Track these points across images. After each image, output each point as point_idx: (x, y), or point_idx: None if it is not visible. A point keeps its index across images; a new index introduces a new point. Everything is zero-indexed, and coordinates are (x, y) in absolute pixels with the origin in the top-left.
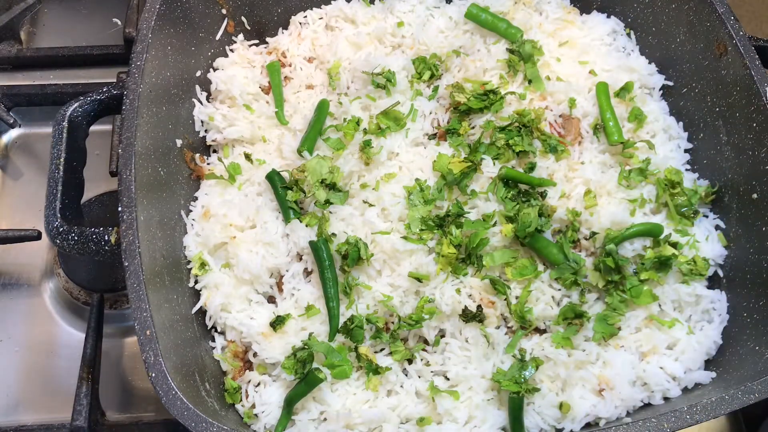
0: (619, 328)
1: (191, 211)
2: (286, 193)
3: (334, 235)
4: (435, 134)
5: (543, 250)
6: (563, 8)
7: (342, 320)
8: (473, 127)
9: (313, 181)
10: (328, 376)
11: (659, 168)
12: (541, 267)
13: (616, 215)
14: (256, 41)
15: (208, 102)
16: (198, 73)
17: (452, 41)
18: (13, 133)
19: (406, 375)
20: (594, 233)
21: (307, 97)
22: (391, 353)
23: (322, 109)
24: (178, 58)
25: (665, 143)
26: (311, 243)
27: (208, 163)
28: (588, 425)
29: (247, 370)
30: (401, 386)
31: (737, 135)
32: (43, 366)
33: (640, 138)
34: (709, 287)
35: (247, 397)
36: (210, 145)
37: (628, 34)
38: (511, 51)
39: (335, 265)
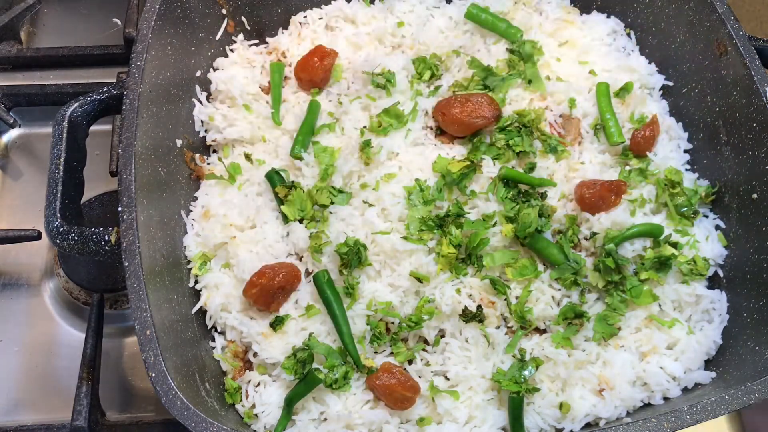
0: (619, 328)
1: (191, 211)
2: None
3: (326, 243)
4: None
5: (543, 251)
6: (563, 8)
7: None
8: None
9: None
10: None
11: (659, 168)
12: (541, 267)
13: (616, 215)
14: (256, 41)
15: (208, 102)
16: (198, 73)
17: (452, 41)
18: (13, 133)
19: None
20: (594, 233)
21: (306, 98)
22: (392, 354)
23: (312, 110)
24: (178, 58)
25: (665, 143)
26: (314, 277)
27: (208, 163)
28: (588, 425)
29: (247, 370)
30: None
31: (737, 135)
32: (43, 366)
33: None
34: (709, 287)
35: (247, 397)
36: (210, 145)
37: (628, 34)
38: (511, 51)
39: (334, 264)
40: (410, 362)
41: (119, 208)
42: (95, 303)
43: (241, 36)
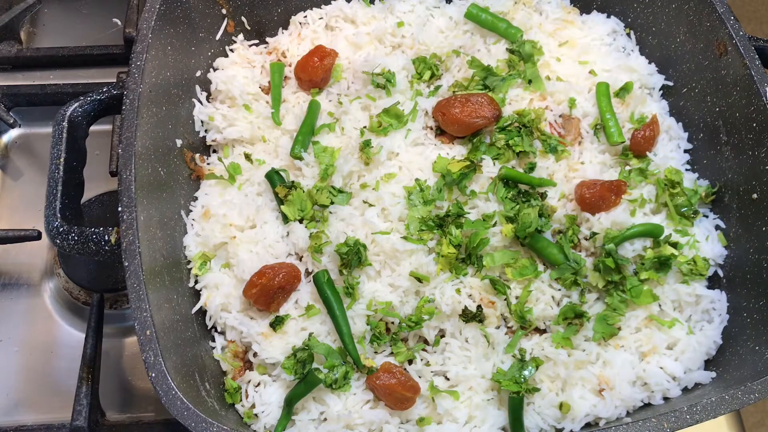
0: (619, 328)
1: (191, 211)
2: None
3: (326, 243)
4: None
5: (543, 251)
6: (563, 8)
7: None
8: None
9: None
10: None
11: (659, 168)
12: (541, 267)
13: (616, 215)
14: (256, 41)
15: (208, 102)
16: (198, 73)
17: (452, 41)
18: (13, 133)
19: None
20: (594, 233)
21: (306, 98)
22: (392, 354)
23: (312, 110)
24: (178, 58)
25: (665, 143)
26: (314, 277)
27: (208, 163)
28: (588, 425)
29: (247, 370)
30: None
31: (737, 135)
32: (43, 366)
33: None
34: (709, 287)
35: (247, 397)
36: (210, 145)
37: (628, 34)
38: (511, 51)
39: (334, 264)
40: (410, 362)
41: (119, 208)
42: (95, 303)
43: (241, 36)
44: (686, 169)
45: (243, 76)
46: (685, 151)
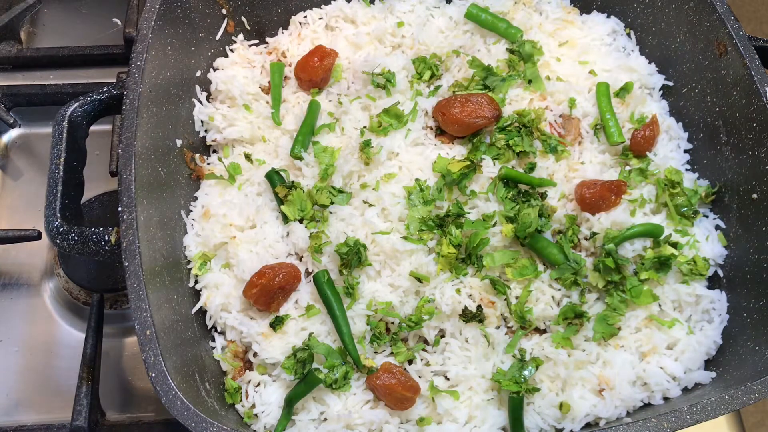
0: (619, 328)
1: (191, 211)
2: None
3: (326, 243)
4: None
5: (543, 251)
6: (563, 8)
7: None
8: None
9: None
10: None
11: (659, 168)
12: (541, 267)
13: (616, 215)
14: (256, 41)
15: (208, 102)
16: (198, 73)
17: (452, 41)
18: (13, 133)
19: None
20: (594, 233)
21: (306, 98)
22: (392, 354)
23: (312, 110)
24: (178, 58)
25: (665, 143)
26: (314, 277)
27: (208, 163)
28: (588, 425)
29: (247, 370)
30: None
31: (737, 135)
32: (43, 366)
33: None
34: (709, 287)
35: (247, 397)
36: (210, 145)
37: (628, 34)
38: (511, 51)
39: (334, 264)
40: (410, 362)
41: (119, 208)
42: (95, 303)
43: (241, 36)
44: (686, 169)
45: (243, 76)
46: (685, 151)
